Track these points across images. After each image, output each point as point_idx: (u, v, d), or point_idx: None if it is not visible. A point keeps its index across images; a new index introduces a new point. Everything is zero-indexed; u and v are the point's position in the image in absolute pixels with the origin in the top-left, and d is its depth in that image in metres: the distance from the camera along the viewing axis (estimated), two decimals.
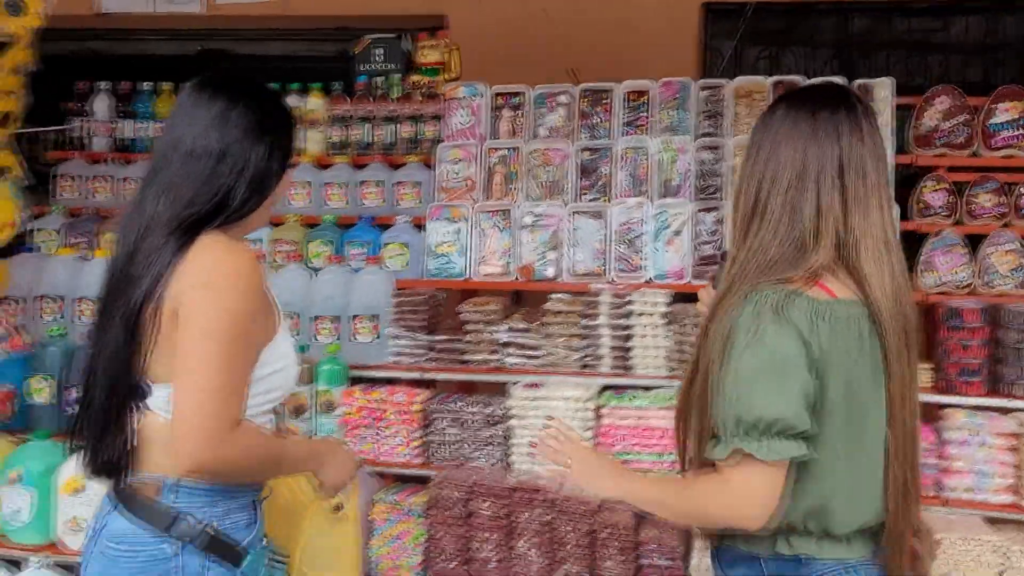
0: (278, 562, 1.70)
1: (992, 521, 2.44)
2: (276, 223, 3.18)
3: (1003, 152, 2.90)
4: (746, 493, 1.41)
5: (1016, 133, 2.89)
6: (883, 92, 3.02)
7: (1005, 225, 2.83)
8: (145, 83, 3.62)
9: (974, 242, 2.81)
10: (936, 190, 2.90)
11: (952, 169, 2.95)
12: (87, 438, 1.61)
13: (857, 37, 4.51)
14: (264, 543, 1.66)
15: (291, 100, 3.46)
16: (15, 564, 2.72)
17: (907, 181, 3.00)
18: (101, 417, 1.58)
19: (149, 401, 1.58)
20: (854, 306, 1.43)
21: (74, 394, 2.87)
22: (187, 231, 1.57)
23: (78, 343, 2.96)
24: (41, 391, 2.93)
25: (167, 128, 1.68)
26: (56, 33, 4.53)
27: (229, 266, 1.54)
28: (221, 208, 1.60)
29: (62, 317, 3.13)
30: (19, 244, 3.29)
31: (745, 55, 4.52)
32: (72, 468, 2.72)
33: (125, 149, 3.56)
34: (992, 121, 2.93)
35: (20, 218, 2.90)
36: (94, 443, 1.60)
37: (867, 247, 1.43)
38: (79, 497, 2.70)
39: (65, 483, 2.71)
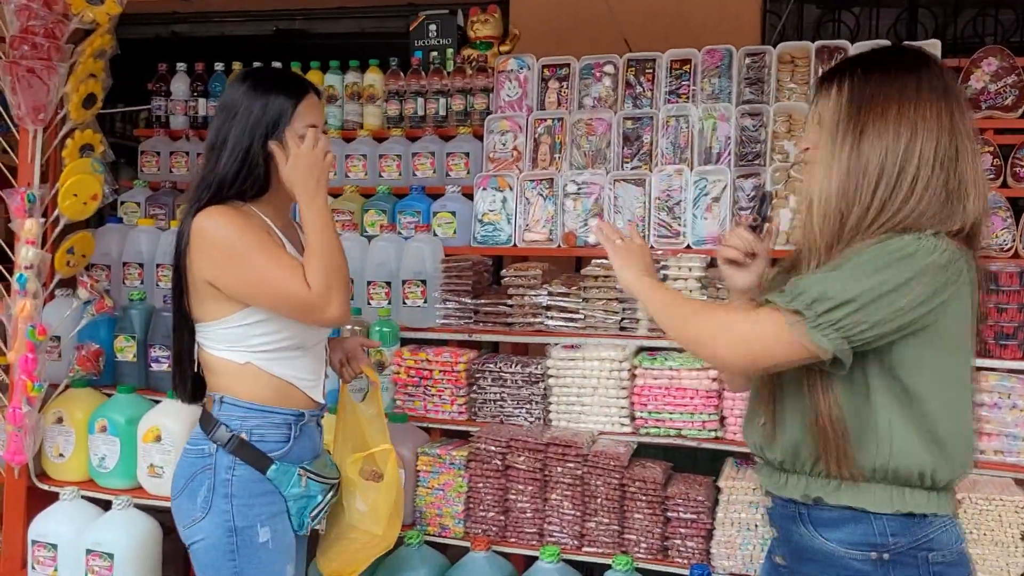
0: (320, 480, 2.01)
1: (1020, 483, 2.45)
2: (335, 194, 3.37)
3: None
4: (754, 333, 1.50)
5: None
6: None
7: None
8: (218, 64, 3.83)
9: (1017, 207, 2.77)
10: (982, 153, 2.86)
11: (999, 132, 2.91)
12: (177, 373, 2.07)
13: None
14: (307, 463, 1.99)
15: (350, 77, 3.64)
16: (104, 505, 3.01)
17: None
18: (178, 356, 2.05)
19: (198, 338, 1.97)
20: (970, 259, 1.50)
21: (155, 352, 3.14)
22: (201, 200, 1.93)
23: (157, 306, 3.23)
24: (124, 350, 3.21)
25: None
26: (143, 18, 4.86)
27: (211, 221, 1.88)
28: (210, 190, 1.93)
29: (142, 283, 3.40)
30: (110, 215, 3.58)
31: (807, 17, 4.47)
32: (152, 419, 3.00)
33: (201, 126, 3.79)
34: None
35: (104, 191, 3.15)
36: (180, 376, 2.06)
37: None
38: (158, 445, 2.96)
39: (146, 432, 2.98)
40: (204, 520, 1.95)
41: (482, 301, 3.02)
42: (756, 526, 2.50)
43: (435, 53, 3.63)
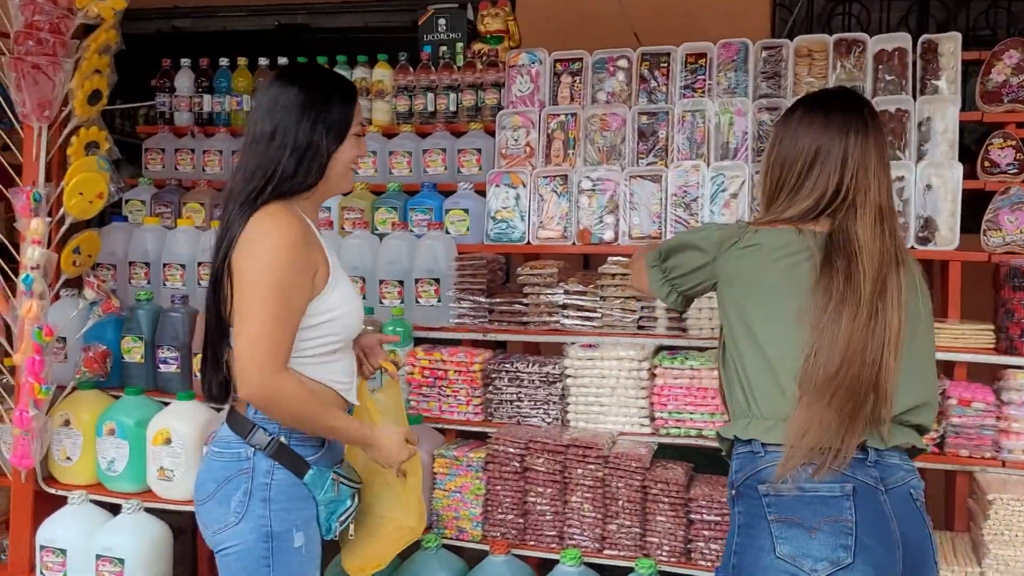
0: (350, 485, 2.00)
1: None
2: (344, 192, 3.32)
3: None
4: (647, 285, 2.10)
5: None
6: (949, 46, 2.94)
7: None
8: (223, 59, 3.77)
9: None
10: (1004, 147, 2.82)
11: (1021, 125, 2.87)
12: (204, 372, 2.01)
13: None
14: (338, 468, 1.98)
15: (359, 72, 3.58)
16: (113, 509, 2.96)
17: (973, 139, 2.93)
18: (208, 355, 1.98)
19: (231, 341, 1.90)
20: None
21: (163, 353, 3.09)
22: (249, 203, 1.88)
23: (164, 306, 3.17)
24: (132, 351, 3.15)
25: (247, 122, 2.00)
26: (144, 13, 4.79)
27: (268, 230, 1.84)
28: (272, 181, 1.90)
29: (149, 283, 3.34)
30: (114, 214, 3.52)
31: (818, 10, 4.42)
32: (162, 421, 2.95)
33: (206, 123, 3.73)
34: None
35: (110, 190, 3.10)
36: (206, 375, 2.00)
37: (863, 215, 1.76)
38: (168, 448, 2.91)
39: (155, 435, 2.93)
40: (239, 525, 1.90)
41: (497, 300, 2.98)
42: None
43: (444, 48, 3.58)
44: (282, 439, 1.91)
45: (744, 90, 3.10)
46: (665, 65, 3.22)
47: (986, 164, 2.84)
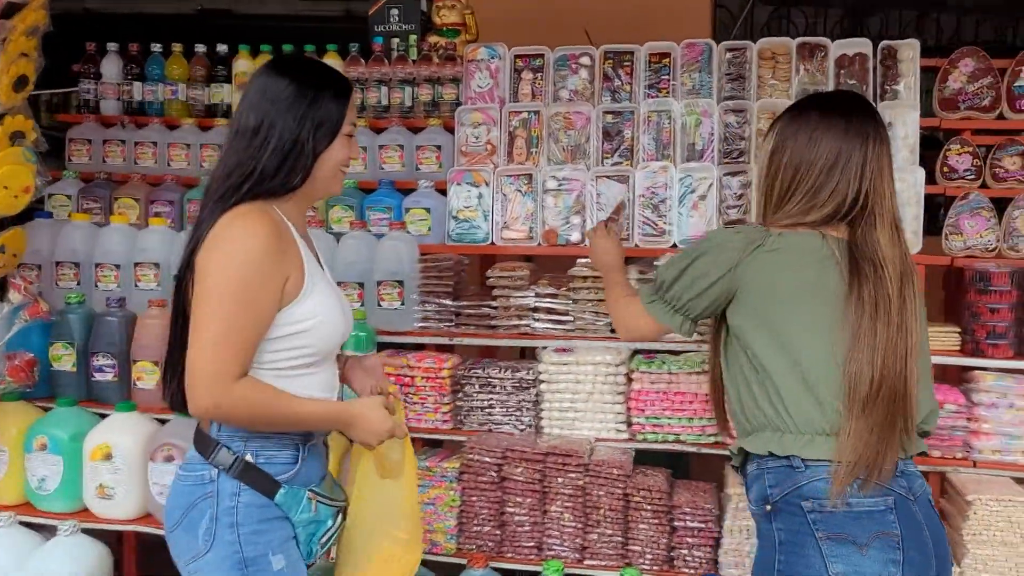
0: (331, 504, 1.84)
1: (1019, 481, 2.48)
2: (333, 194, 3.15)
3: None
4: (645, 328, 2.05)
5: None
6: (908, 53, 3.00)
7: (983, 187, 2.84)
8: (155, 45, 3.53)
9: (999, 206, 2.81)
10: (961, 153, 2.90)
11: (977, 132, 2.95)
12: (166, 378, 1.86)
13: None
14: (316, 485, 1.81)
15: None
16: (46, 531, 2.72)
17: (931, 144, 3.00)
18: (172, 361, 1.82)
19: None
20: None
21: (98, 360, 2.86)
22: (222, 201, 1.74)
23: (98, 309, 2.94)
24: (62, 358, 2.91)
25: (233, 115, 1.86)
26: None
27: (235, 231, 1.69)
28: (250, 180, 1.75)
29: (79, 284, 3.09)
30: (37, 210, 3.24)
31: (757, 15, 4.48)
32: (101, 435, 2.72)
33: (137, 112, 3.49)
34: (1017, 83, 2.91)
35: (37, 183, 2.84)
36: (169, 382, 1.84)
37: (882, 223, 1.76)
38: (108, 464, 2.70)
39: (93, 450, 2.71)
40: (209, 554, 1.74)
41: (464, 303, 2.87)
42: None
43: (397, 39, 3.43)
44: (248, 457, 1.74)
45: (708, 91, 3.09)
46: (628, 64, 3.17)
47: (944, 169, 2.91)
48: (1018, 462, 2.50)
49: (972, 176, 2.88)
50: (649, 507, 2.50)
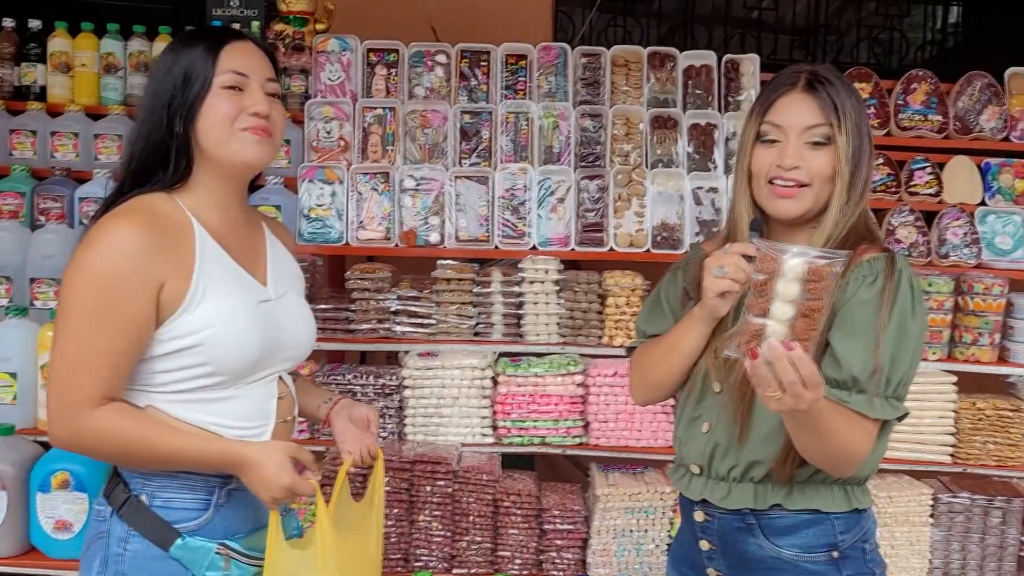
0: (252, 563, 1.54)
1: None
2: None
3: None
4: (873, 446, 1.50)
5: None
6: (749, 67, 3.16)
7: None
8: (32, 21, 3.14)
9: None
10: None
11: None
12: None
13: (698, 12, 4.70)
14: (235, 538, 1.53)
15: (136, 44, 3.13)
16: None
17: None
18: None
19: None
20: None
21: None
22: (111, 202, 1.53)
23: None
24: None
25: None
26: None
27: (96, 235, 1.45)
28: (129, 171, 1.54)
29: None
30: None
31: (596, 23, 4.59)
32: None
33: (10, 97, 3.11)
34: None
35: None
36: None
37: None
38: None
39: None
40: None
41: (321, 306, 2.73)
42: (631, 531, 2.49)
43: (239, 25, 3.22)
44: (143, 497, 1.48)
45: (564, 95, 3.12)
46: (485, 64, 3.14)
47: None
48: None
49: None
50: (519, 511, 2.48)
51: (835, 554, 1.56)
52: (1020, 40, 4.73)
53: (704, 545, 1.64)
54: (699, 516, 1.64)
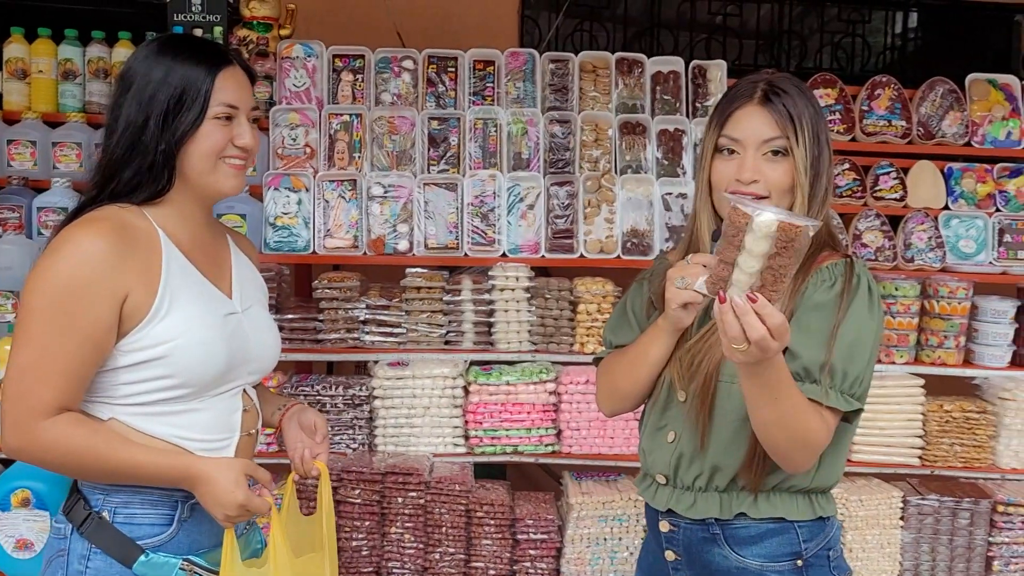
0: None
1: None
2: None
3: None
4: (828, 439, 1.48)
5: (831, 118, 3.14)
6: (716, 73, 3.17)
7: None
8: None
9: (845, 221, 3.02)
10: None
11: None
12: None
13: (664, 17, 4.72)
14: (200, 554, 1.50)
15: (95, 50, 3.07)
16: None
17: None
18: None
19: None
20: None
21: None
22: (81, 208, 1.48)
23: None
24: None
25: None
26: None
27: (61, 242, 1.42)
28: (102, 179, 1.49)
29: None
30: None
31: (562, 28, 4.59)
32: None
33: None
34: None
35: None
36: None
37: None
38: None
39: None
40: None
41: (289, 316, 2.69)
42: (605, 539, 2.48)
43: (201, 30, 3.16)
44: (104, 514, 1.45)
45: (533, 101, 3.10)
46: (453, 70, 3.12)
47: None
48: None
49: None
50: (492, 522, 2.45)
51: (799, 563, 1.56)
52: (977, 45, 4.83)
53: (670, 556, 1.63)
54: (664, 526, 1.63)
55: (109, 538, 1.45)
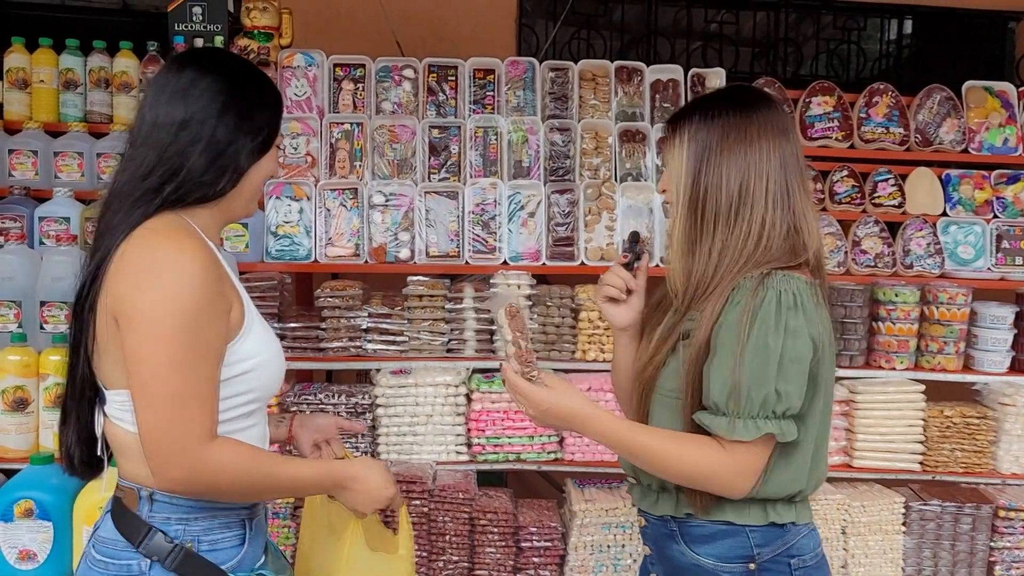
0: None
1: (828, 480, 2.69)
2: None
3: (819, 143, 3.16)
4: (748, 465, 1.48)
5: (830, 125, 3.17)
6: (715, 81, 3.19)
7: (823, 210, 3.09)
8: None
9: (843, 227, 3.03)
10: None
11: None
12: (63, 434, 1.50)
13: (661, 25, 4.74)
14: (259, 565, 1.50)
15: (96, 60, 3.07)
16: None
17: None
18: (69, 413, 1.49)
19: (106, 407, 1.44)
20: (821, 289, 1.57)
21: None
22: (139, 205, 1.41)
23: None
24: None
25: (139, 106, 1.51)
26: None
27: (167, 257, 1.36)
28: (174, 180, 1.43)
29: None
30: None
31: (559, 36, 4.60)
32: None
33: None
34: (808, 113, 3.18)
35: None
36: (66, 440, 1.50)
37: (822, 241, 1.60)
38: None
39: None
40: None
41: (291, 324, 2.70)
42: (608, 547, 2.48)
43: (201, 40, 3.17)
44: (189, 544, 1.42)
45: (533, 109, 3.12)
46: (453, 79, 3.13)
47: None
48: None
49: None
50: (495, 529, 2.45)
51: (752, 566, 1.56)
52: (972, 52, 4.86)
53: (646, 550, 1.69)
54: (640, 522, 1.70)
55: (198, 569, 1.42)
